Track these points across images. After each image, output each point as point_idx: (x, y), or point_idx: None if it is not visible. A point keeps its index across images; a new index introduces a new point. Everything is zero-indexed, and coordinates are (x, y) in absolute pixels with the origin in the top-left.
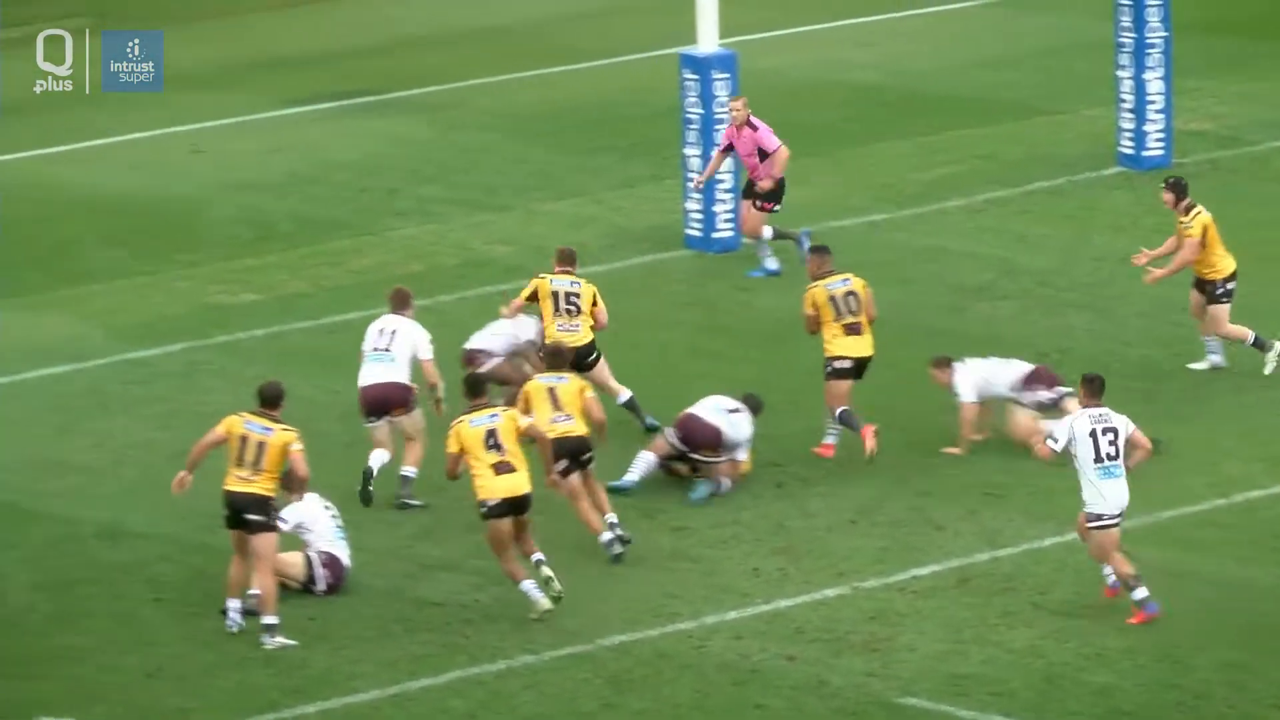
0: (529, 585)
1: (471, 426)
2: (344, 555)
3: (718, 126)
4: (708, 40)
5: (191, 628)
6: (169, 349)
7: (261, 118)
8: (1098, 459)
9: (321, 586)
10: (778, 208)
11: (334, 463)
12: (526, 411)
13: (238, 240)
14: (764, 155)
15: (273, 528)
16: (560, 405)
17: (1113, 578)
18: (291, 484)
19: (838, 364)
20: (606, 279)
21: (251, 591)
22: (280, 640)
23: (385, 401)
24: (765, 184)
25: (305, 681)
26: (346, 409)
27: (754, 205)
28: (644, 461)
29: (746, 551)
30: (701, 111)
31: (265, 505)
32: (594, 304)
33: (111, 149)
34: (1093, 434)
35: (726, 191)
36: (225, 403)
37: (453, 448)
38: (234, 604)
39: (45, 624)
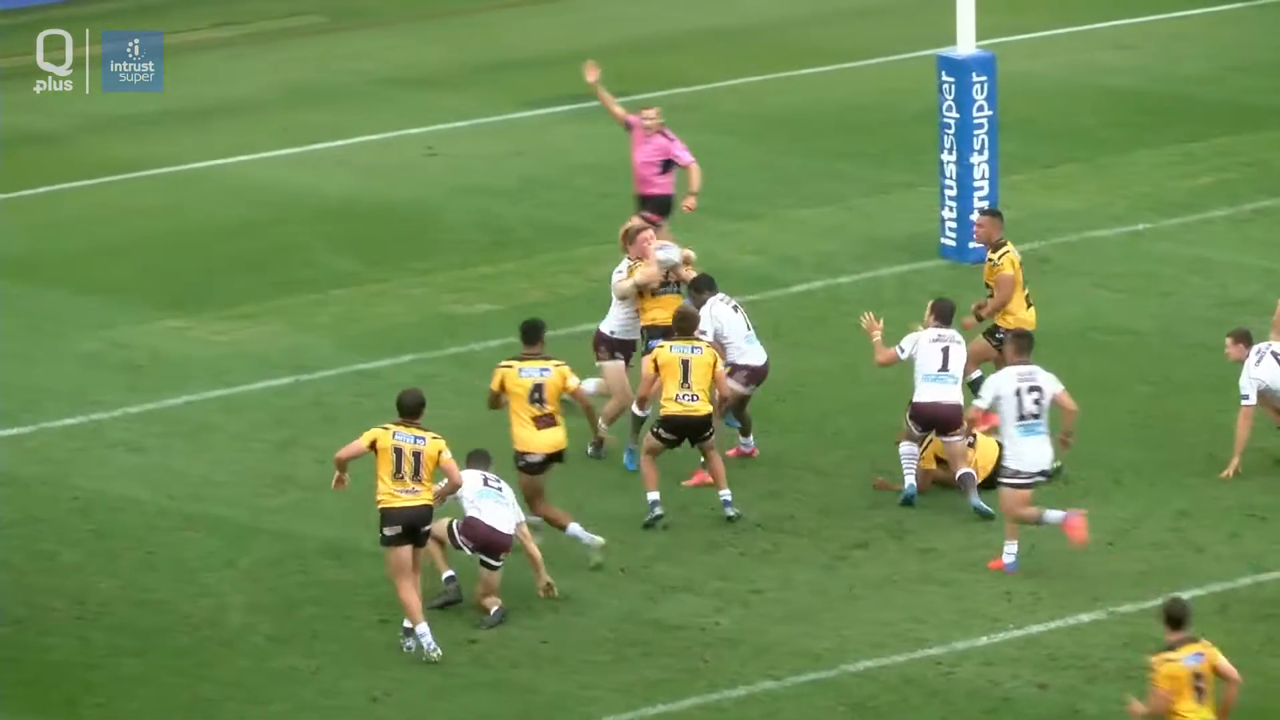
0: (576, 528)
1: (520, 376)
2: (492, 519)
3: (975, 131)
4: (966, 42)
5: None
6: (399, 360)
7: (499, 120)
8: (1020, 416)
9: (466, 552)
10: (665, 223)
11: (577, 476)
12: (654, 377)
13: (472, 247)
14: (666, 168)
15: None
16: (689, 382)
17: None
18: (443, 493)
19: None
20: (857, 290)
21: (448, 576)
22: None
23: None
24: (690, 203)
25: (535, 706)
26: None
27: (643, 215)
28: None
29: (997, 574)
30: (958, 116)
31: (432, 516)
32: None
33: (340, 151)
34: (1017, 392)
35: (983, 199)
36: (458, 417)
37: (495, 386)
38: (423, 628)
39: (266, 645)
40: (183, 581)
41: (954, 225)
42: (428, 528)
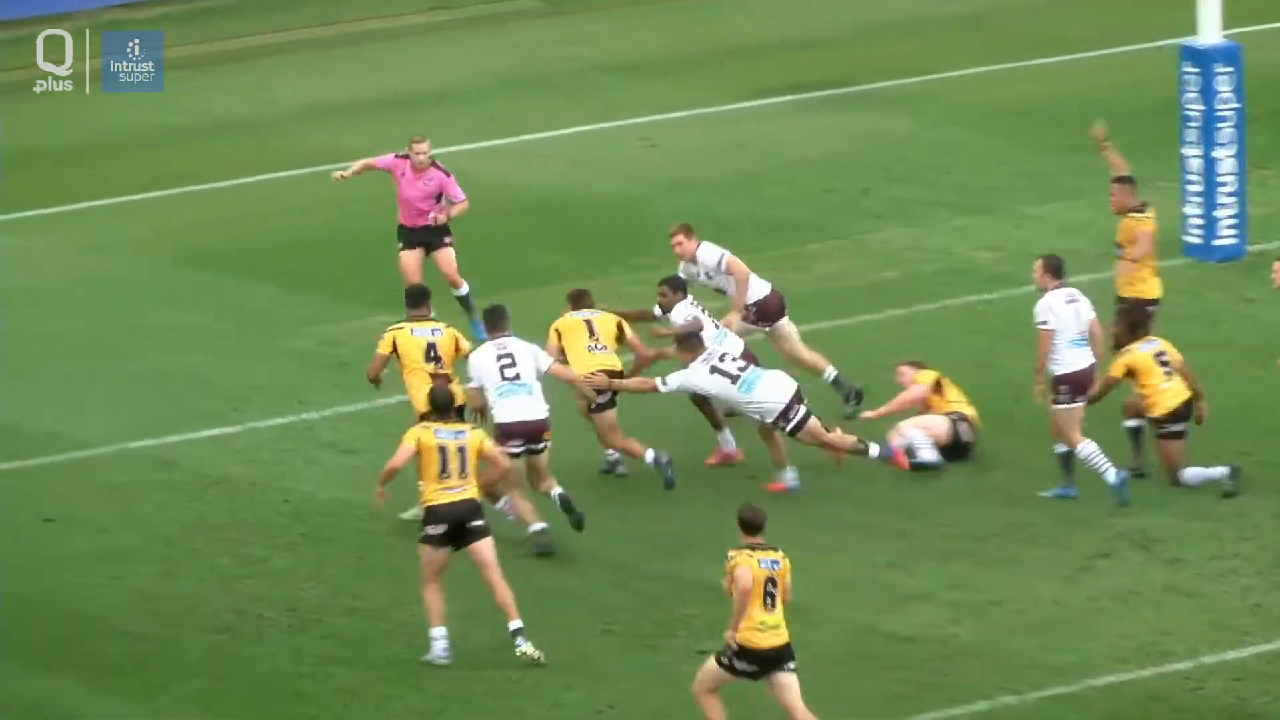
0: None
1: (412, 335)
2: (520, 414)
3: (1220, 125)
4: (1209, 31)
5: (644, 661)
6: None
7: (717, 111)
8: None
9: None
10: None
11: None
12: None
13: None
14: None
15: (490, 531)
16: (597, 336)
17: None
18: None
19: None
20: (1097, 288)
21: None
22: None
23: None
24: (442, 217)
25: None
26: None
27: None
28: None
29: (1246, 586)
30: (1202, 108)
31: (481, 510)
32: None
33: (550, 143)
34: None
35: (1230, 195)
36: (675, 419)
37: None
38: (441, 632)
39: (484, 654)
40: (395, 588)
41: (1198, 223)
42: (475, 523)
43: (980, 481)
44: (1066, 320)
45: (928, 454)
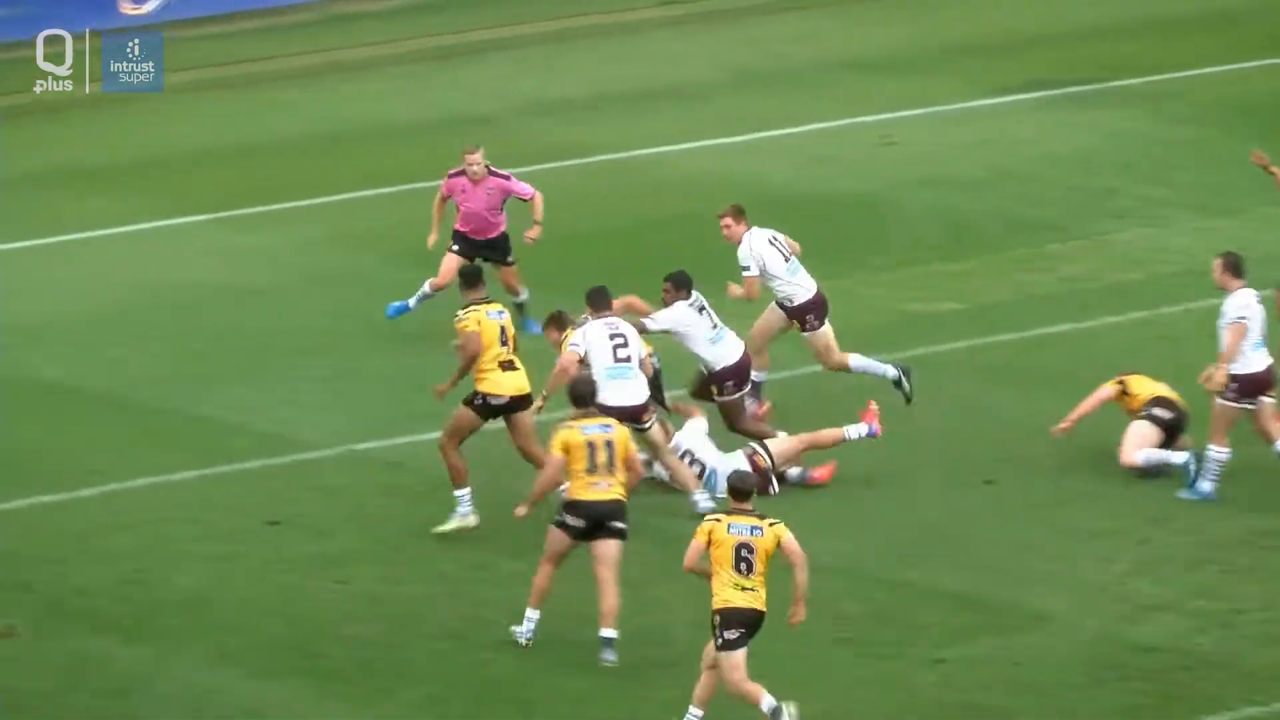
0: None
1: (489, 318)
2: (619, 399)
3: None
4: None
5: (876, 670)
6: None
7: (961, 107)
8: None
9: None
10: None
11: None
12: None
13: (932, 242)
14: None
15: (626, 536)
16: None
17: None
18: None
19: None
20: None
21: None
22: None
23: None
24: (535, 233)
25: None
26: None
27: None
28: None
29: None
30: None
31: (624, 511)
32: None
33: (788, 140)
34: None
35: None
36: (930, 421)
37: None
38: (536, 615)
39: None
40: (627, 595)
41: None
42: (615, 524)
43: (1224, 489)
44: (1255, 320)
45: (1176, 458)
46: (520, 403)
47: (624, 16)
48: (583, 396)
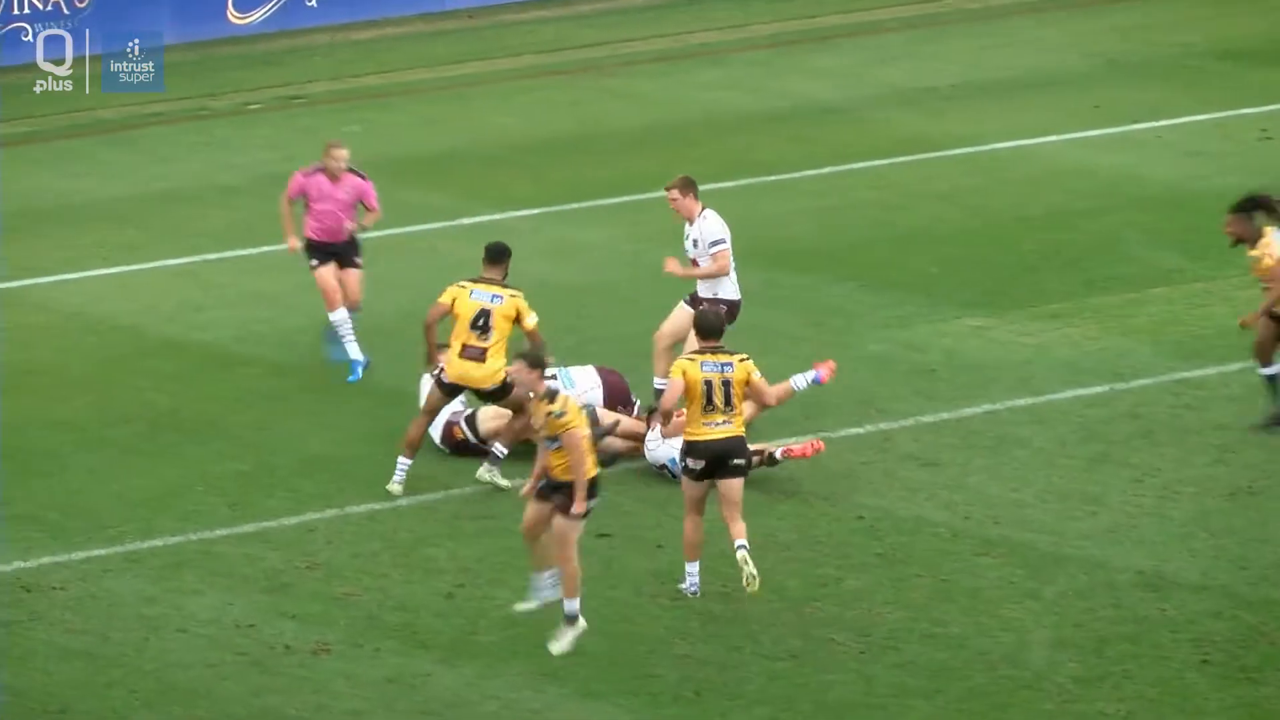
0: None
1: (471, 299)
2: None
3: None
4: None
5: (1241, 694)
6: (1225, 369)
7: None
8: None
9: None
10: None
11: None
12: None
13: None
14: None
15: (745, 472)
16: None
17: None
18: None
19: None
20: None
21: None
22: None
23: None
24: (369, 220)
25: None
26: None
27: (356, 261)
28: None
29: None
30: None
31: (742, 447)
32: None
33: (1162, 133)
34: None
35: None
36: None
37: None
38: (693, 568)
39: (1071, 687)
40: (979, 614)
41: None
42: (735, 461)
43: None
44: None
45: None
46: (487, 394)
47: (986, 1)
48: (711, 329)
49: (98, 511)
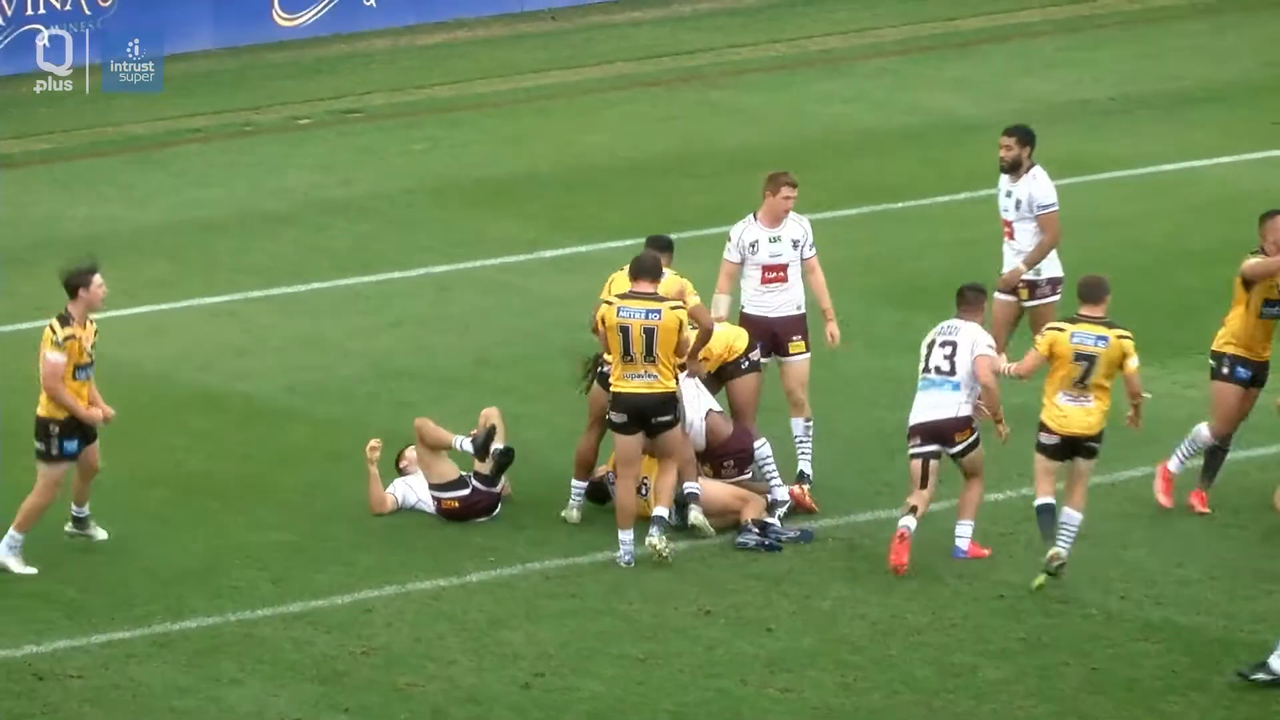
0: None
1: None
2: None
3: None
4: None
5: None
6: None
7: None
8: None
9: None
10: None
11: None
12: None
13: None
14: None
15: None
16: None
17: None
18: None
19: None
20: None
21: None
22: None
23: None
24: None
25: None
26: None
27: None
28: None
29: None
30: None
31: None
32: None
33: None
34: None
35: None
36: None
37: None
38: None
39: None
40: (1136, 708)
41: None
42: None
43: None
44: None
45: None
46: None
47: (1150, 1)
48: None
49: (122, 588)
